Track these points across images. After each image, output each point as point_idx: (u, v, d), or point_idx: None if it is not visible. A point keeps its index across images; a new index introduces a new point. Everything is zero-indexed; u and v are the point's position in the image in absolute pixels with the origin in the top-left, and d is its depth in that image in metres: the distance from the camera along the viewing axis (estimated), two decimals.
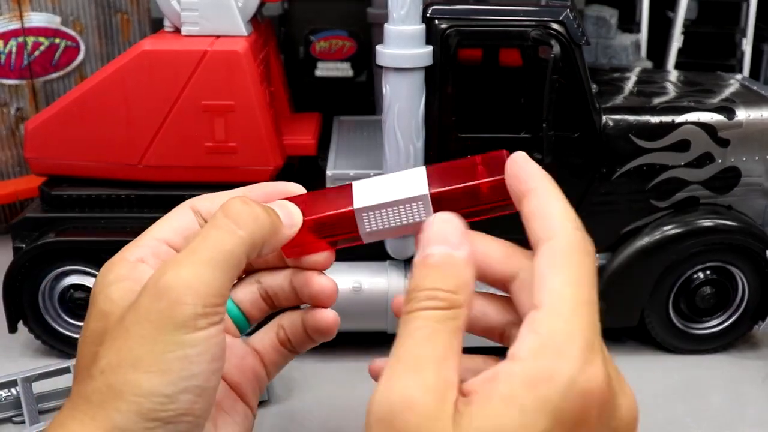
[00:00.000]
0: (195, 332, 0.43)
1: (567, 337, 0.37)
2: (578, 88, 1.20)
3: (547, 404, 0.35)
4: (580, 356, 0.36)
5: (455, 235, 0.43)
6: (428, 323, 0.39)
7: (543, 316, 0.38)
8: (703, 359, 1.33)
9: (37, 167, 1.32)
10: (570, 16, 1.18)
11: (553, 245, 0.42)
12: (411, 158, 1.17)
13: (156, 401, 0.42)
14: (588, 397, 0.36)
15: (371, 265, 1.29)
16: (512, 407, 0.36)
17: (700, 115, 1.26)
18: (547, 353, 0.36)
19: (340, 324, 1.32)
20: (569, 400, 0.35)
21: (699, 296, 1.31)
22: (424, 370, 0.37)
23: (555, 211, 0.43)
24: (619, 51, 1.86)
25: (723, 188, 1.29)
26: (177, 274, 0.45)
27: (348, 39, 1.83)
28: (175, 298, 0.44)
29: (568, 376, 0.35)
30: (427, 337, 0.38)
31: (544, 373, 0.35)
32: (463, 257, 0.42)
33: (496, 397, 0.36)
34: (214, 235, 0.46)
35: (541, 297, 0.40)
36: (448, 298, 0.40)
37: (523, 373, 0.36)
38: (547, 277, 0.40)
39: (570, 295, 0.39)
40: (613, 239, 1.29)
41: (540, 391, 0.36)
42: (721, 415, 1.17)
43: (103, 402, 0.43)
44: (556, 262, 0.41)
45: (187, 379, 0.43)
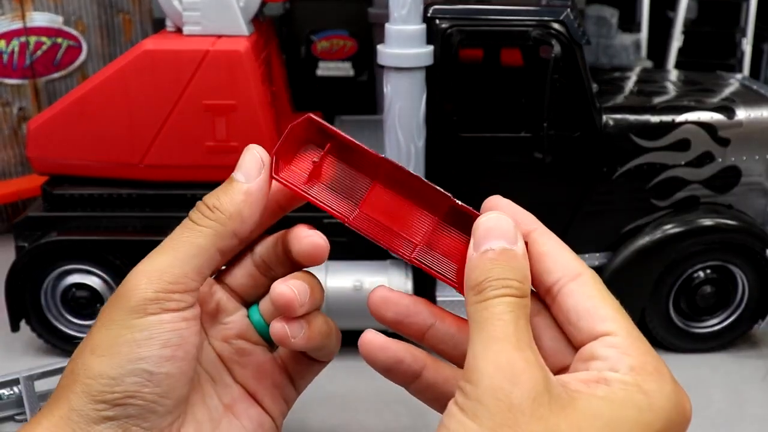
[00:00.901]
0: (145, 317, 0.45)
1: (655, 361, 0.43)
2: (579, 88, 1.20)
3: (662, 412, 0.40)
4: (672, 378, 0.42)
5: (511, 230, 0.46)
6: (511, 308, 0.43)
7: (623, 341, 0.43)
8: (703, 358, 1.33)
9: (39, 166, 1.32)
10: (570, 16, 1.18)
11: (587, 279, 0.47)
12: (412, 158, 1.18)
13: (103, 383, 0.45)
14: (685, 414, 0.42)
15: (372, 264, 1.29)
16: (631, 407, 0.40)
17: (700, 114, 1.26)
18: (648, 370, 0.42)
19: (341, 324, 1.33)
20: (674, 412, 0.41)
21: (699, 295, 1.31)
22: (525, 348, 0.41)
23: (567, 250, 0.47)
24: (620, 50, 1.86)
25: (723, 187, 1.29)
26: (140, 264, 0.48)
27: (349, 39, 1.83)
28: (132, 284, 0.46)
29: (669, 391, 0.41)
30: (515, 321, 0.42)
31: (654, 385, 0.41)
32: (520, 251, 0.46)
33: (615, 393, 0.40)
34: (178, 231, 0.49)
35: (606, 325, 0.45)
36: (520, 288, 0.44)
37: (635, 382, 0.41)
38: (600, 308, 0.45)
39: (628, 323, 0.45)
40: (614, 238, 1.29)
41: (653, 398, 0.41)
42: (721, 413, 1.18)
43: (65, 386, 0.47)
44: (599, 294, 0.46)
45: (133, 362, 0.45)
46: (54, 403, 0.46)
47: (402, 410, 1.19)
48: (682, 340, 1.34)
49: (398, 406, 1.19)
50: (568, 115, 1.20)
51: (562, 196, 1.25)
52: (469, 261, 0.45)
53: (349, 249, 1.31)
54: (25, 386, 1.13)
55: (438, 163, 1.21)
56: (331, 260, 1.31)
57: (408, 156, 1.18)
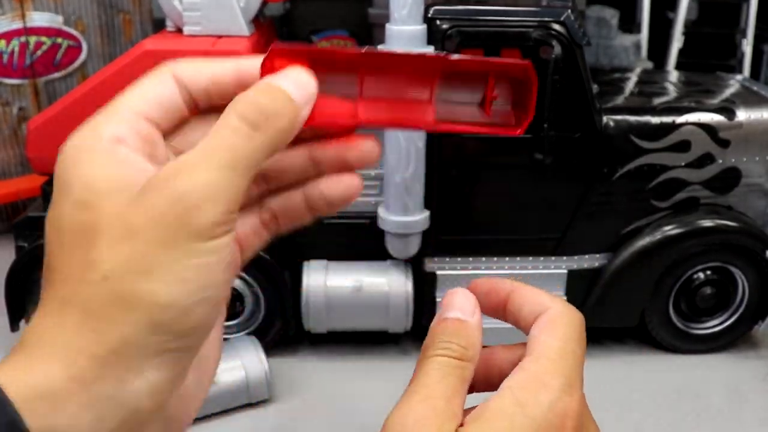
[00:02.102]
0: (214, 240, 0.41)
1: (551, 375, 0.44)
2: (579, 89, 1.20)
3: (533, 422, 0.42)
4: (561, 389, 0.43)
5: (470, 305, 0.49)
6: (442, 366, 0.46)
7: (531, 359, 0.46)
8: (703, 359, 1.33)
9: (39, 166, 1.32)
10: (571, 17, 1.18)
11: (548, 313, 0.48)
12: (412, 158, 1.18)
13: (172, 312, 0.40)
14: (564, 418, 0.43)
15: (372, 264, 1.29)
16: (504, 421, 0.42)
17: (700, 115, 1.26)
18: (533, 383, 0.44)
19: (341, 324, 1.33)
20: (549, 419, 0.42)
21: (699, 296, 1.31)
22: (436, 400, 0.43)
23: (543, 294, 0.49)
24: (620, 51, 1.86)
25: (723, 189, 1.29)
26: (194, 177, 0.42)
27: (349, 39, 1.83)
28: (194, 203, 0.41)
29: (549, 401, 0.41)
30: (440, 378, 0.45)
31: (530, 397, 0.42)
32: (474, 323, 0.48)
33: (488, 414, 0.43)
34: (230, 138, 0.42)
35: (531, 348, 0.46)
36: (460, 351, 0.46)
37: (512, 396, 0.43)
38: (538, 336, 0.47)
39: (557, 347, 0.46)
40: (614, 239, 1.29)
41: (526, 410, 0.42)
42: (721, 414, 1.18)
43: (109, 313, 0.39)
44: (549, 325, 0.48)
45: (205, 289, 0.41)
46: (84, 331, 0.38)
47: None
48: (682, 341, 1.34)
49: None
50: (568, 116, 1.20)
51: (562, 196, 1.25)
52: (431, 328, 0.47)
53: (349, 249, 1.31)
54: None
55: (439, 164, 1.21)
56: (332, 260, 1.31)
57: (408, 156, 1.18)
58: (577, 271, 1.28)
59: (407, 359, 1.31)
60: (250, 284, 1.30)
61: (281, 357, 1.32)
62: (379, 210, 1.25)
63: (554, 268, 1.28)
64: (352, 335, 1.35)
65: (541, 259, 1.28)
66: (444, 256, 1.27)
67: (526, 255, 1.27)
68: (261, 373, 1.19)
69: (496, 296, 0.53)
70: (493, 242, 1.26)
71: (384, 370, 1.29)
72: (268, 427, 1.17)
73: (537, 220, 1.25)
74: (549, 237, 1.27)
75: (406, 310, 1.28)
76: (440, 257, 1.27)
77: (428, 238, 1.25)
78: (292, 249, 1.30)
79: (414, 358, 0.48)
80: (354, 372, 1.31)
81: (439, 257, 1.27)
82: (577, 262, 1.28)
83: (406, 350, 1.36)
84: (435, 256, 1.27)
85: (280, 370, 1.28)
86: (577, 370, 0.45)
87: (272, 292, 1.29)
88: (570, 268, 1.28)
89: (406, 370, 0.49)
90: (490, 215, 1.24)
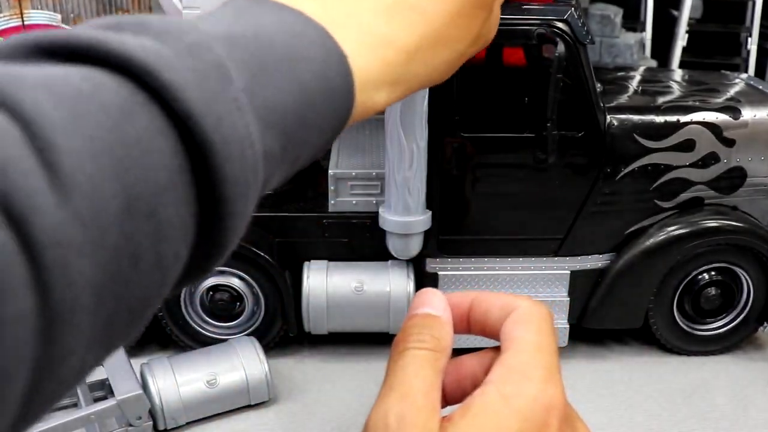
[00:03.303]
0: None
1: (530, 366, 0.44)
2: (582, 88, 1.19)
3: (519, 413, 0.42)
4: (542, 379, 0.44)
5: (439, 302, 0.48)
6: (416, 360, 0.45)
7: (509, 354, 0.45)
8: (707, 361, 1.32)
9: None
10: (574, 15, 1.17)
11: (518, 311, 0.48)
12: (414, 158, 1.17)
13: None
14: (550, 410, 0.43)
15: (373, 265, 1.28)
16: (490, 415, 0.42)
17: (705, 114, 1.25)
18: (514, 376, 0.43)
19: (342, 325, 1.32)
20: (535, 410, 0.42)
21: (704, 297, 1.30)
22: (415, 395, 0.42)
23: (506, 296, 0.49)
24: (624, 50, 1.85)
25: (728, 188, 1.28)
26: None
27: None
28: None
29: (534, 392, 0.42)
30: (416, 372, 0.44)
31: (514, 390, 0.42)
32: (442, 316, 0.48)
33: (474, 409, 0.42)
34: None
35: (507, 345, 0.46)
36: (433, 342, 0.46)
37: (496, 390, 0.43)
38: (511, 333, 0.47)
39: (532, 340, 0.46)
40: (618, 240, 1.28)
41: (511, 402, 0.42)
42: (725, 416, 1.16)
43: None
44: (521, 321, 0.48)
45: None
46: None
47: None
48: (686, 343, 1.33)
49: None
50: (571, 115, 1.19)
51: (565, 196, 1.23)
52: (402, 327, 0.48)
53: (350, 250, 1.30)
54: None
55: (440, 163, 1.20)
56: (332, 261, 1.30)
57: (410, 156, 1.16)
58: (581, 272, 1.27)
59: None
60: (250, 285, 1.29)
61: (281, 358, 1.31)
62: (381, 210, 1.24)
63: (557, 268, 1.27)
64: (352, 336, 1.35)
65: (544, 259, 1.27)
66: (446, 257, 1.26)
67: (529, 255, 1.26)
68: (261, 374, 1.18)
69: (458, 309, 0.53)
70: (496, 242, 1.25)
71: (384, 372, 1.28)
72: (269, 427, 1.16)
73: (540, 220, 1.24)
74: (552, 237, 1.26)
75: (408, 311, 1.27)
76: (442, 257, 1.26)
77: (430, 238, 1.24)
78: (293, 249, 1.29)
79: None
80: (354, 374, 1.30)
81: (441, 257, 1.26)
82: (581, 263, 1.27)
83: None
84: (436, 256, 1.26)
85: (281, 371, 1.27)
86: (555, 362, 0.46)
87: (273, 292, 1.28)
88: (573, 269, 1.27)
89: None
90: (492, 215, 1.23)
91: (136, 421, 1.08)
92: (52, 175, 0.28)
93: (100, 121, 0.31)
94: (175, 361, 1.17)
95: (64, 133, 0.29)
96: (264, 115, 0.40)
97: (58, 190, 0.28)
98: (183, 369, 1.16)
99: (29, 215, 0.27)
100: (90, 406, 1.06)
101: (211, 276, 1.27)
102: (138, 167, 0.32)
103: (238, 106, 0.37)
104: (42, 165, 0.28)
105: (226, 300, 1.28)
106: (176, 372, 1.15)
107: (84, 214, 0.29)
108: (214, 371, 1.16)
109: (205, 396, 1.15)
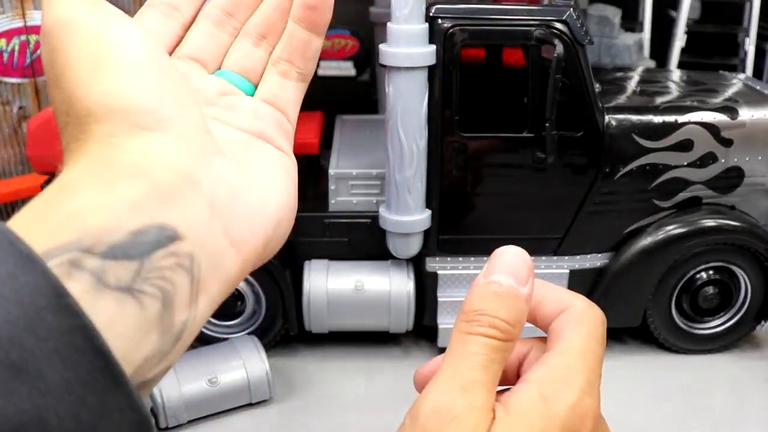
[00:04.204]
0: None
1: (573, 372, 0.44)
2: (581, 88, 1.19)
3: (557, 418, 0.42)
4: (583, 388, 0.43)
5: (524, 272, 0.45)
6: (486, 350, 0.44)
7: (553, 355, 0.45)
8: (705, 359, 1.33)
9: (39, 166, 1.32)
10: (573, 16, 1.17)
11: (572, 310, 0.47)
12: (414, 157, 1.17)
13: None
14: (584, 419, 0.43)
15: (373, 264, 1.29)
16: (533, 416, 0.42)
17: (703, 114, 1.25)
18: (557, 380, 0.43)
19: (342, 324, 1.32)
20: (571, 418, 0.42)
21: (702, 296, 1.31)
22: (476, 392, 0.42)
23: (563, 290, 0.47)
24: (622, 50, 1.85)
25: (726, 188, 1.29)
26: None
27: (350, 38, 1.83)
28: None
29: (572, 400, 0.41)
30: (484, 365, 0.43)
31: (554, 394, 0.42)
32: (526, 294, 0.46)
33: (516, 406, 0.42)
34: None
35: (553, 343, 0.46)
36: (507, 330, 0.44)
37: (537, 391, 0.43)
38: (560, 332, 0.46)
39: (578, 344, 0.45)
40: (616, 239, 1.28)
41: (551, 406, 0.42)
42: (723, 415, 1.17)
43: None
44: (572, 322, 0.47)
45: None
46: None
47: (403, 410, 1.19)
48: (684, 342, 1.33)
49: (399, 406, 1.19)
50: (570, 115, 1.20)
51: (564, 196, 1.24)
52: (474, 285, 0.45)
53: (350, 249, 1.31)
54: None
55: (440, 163, 1.21)
56: (333, 260, 1.31)
57: (410, 156, 1.17)
58: (579, 271, 1.28)
59: (408, 359, 1.30)
60: (251, 283, 1.29)
61: (282, 357, 1.32)
62: (381, 209, 1.25)
63: (556, 267, 1.28)
64: (353, 335, 1.35)
65: (543, 258, 1.27)
66: (445, 256, 1.27)
67: (528, 254, 1.27)
68: (262, 372, 1.19)
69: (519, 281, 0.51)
70: (495, 242, 1.25)
71: (385, 371, 1.29)
72: (269, 426, 1.17)
73: (539, 220, 1.25)
74: (551, 236, 1.26)
75: (408, 310, 1.28)
76: (442, 257, 1.27)
77: (430, 237, 1.25)
78: (294, 248, 1.29)
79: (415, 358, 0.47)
80: (355, 372, 1.30)
81: (441, 257, 1.27)
82: (579, 262, 1.28)
83: (407, 350, 1.35)
84: (436, 255, 1.27)
85: (281, 370, 1.28)
86: (597, 370, 0.45)
87: (273, 291, 1.29)
88: (572, 268, 1.28)
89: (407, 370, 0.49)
90: (491, 215, 1.24)
91: None
92: None
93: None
94: None
95: None
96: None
97: None
98: (184, 367, 1.16)
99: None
100: None
101: None
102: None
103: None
104: None
105: (226, 299, 1.29)
106: (177, 370, 1.15)
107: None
108: (215, 370, 1.17)
109: (207, 394, 1.16)
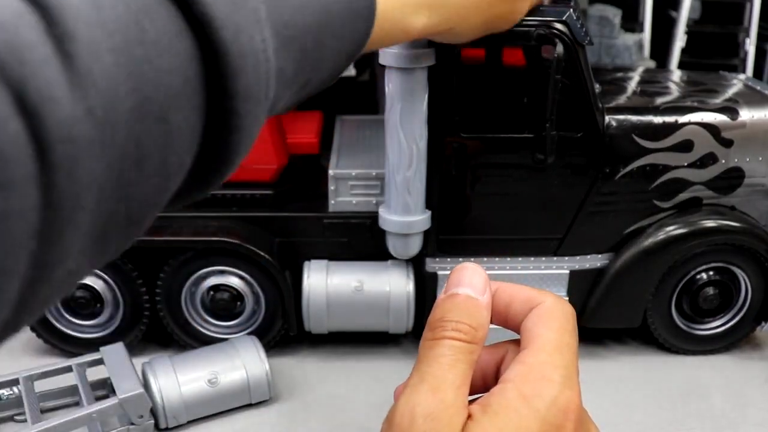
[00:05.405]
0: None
1: (550, 367, 0.45)
2: (581, 88, 1.19)
3: (538, 414, 0.43)
4: (562, 382, 0.44)
5: (480, 283, 0.47)
6: (452, 352, 0.45)
7: (529, 352, 0.46)
8: (705, 360, 1.33)
9: None
10: (573, 16, 1.17)
11: (542, 306, 0.48)
12: (414, 158, 1.17)
13: None
14: (567, 413, 0.44)
15: (372, 264, 1.29)
16: (511, 414, 0.43)
17: (703, 115, 1.25)
18: (534, 376, 0.44)
19: (342, 324, 1.32)
20: (553, 412, 0.43)
21: (702, 297, 1.31)
22: (446, 391, 0.43)
23: (530, 289, 0.49)
24: (622, 51, 1.85)
25: (726, 189, 1.29)
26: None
27: None
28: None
29: (553, 394, 0.43)
30: (451, 365, 0.45)
31: (533, 390, 0.43)
32: (485, 302, 0.47)
33: (495, 407, 0.43)
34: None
35: (527, 341, 0.47)
36: (470, 333, 0.46)
37: (516, 389, 0.44)
38: (533, 329, 0.48)
39: (553, 339, 0.47)
40: (616, 240, 1.28)
41: (531, 403, 0.43)
42: (723, 416, 1.17)
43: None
44: (543, 318, 0.48)
45: None
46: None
47: None
48: (684, 342, 1.33)
49: None
50: (570, 115, 1.20)
51: (564, 197, 1.24)
52: (436, 302, 0.47)
53: (350, 249, 1.31)
54: (25, 386, 1.12)
55: (440, 163, 1.21)
56: (332, 260, 1.30)
57: (410, 156, 1.17)
58: (579, 272, 1.28)
59: (408, 360, 1.30)
60: (250, 284, 1.29)
61: (282, 357, 1.32)
62: (380, 210, 1.25)
63: (556, 268, 1.28)
64: (352, 336, 1.35)
65: (543, 259, 1.27)
66: (445, 256, 1.27)
67: (528, 255, 1.27)
68: (262, 373, 1.19)
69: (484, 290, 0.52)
70: (495, 242, 1.26)
71: (385, 371, 1.29)
72: (269, 427, 1.17)
73: (539, 221, 1.25)
74: (551, 237, 1.26)
75: (407, 311, 1.28)
76: (441, 257, 1.27)
77: (429, 238, 1.25)
78: (293, 249, 1.29)
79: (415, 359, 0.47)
80: (355, 372, 1.30)
81: (441, 257, 1.27)
82: (579, 263, 1.28)
83: (407, 351, 1.35)
84: (436, 256, 1.27)
85: (281, 370, 1.28)
86: (574, 363, 0.46)
87: (273, 292, 1.29)
88: (572, 269, 1.28)
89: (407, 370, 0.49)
90: (491, 215, 1.24)
91: (138, 420, 1.09)
92: (68, 66, 0.25)
93: (120, 15, 0.27)
94: (176, 360, 1.17)
95: (84, 22, 0.26)
96: (282, 32, 0.36)
97: (74, 83, 0.25)
98: (184, 368, 1.16)
99: (44, 108, 0.23)
100: (92, 405, 1.06)
101: (212, 276, 1.28)
102: (154, 68, 0.28)
103: (257, 19, 0.33)
104: (59, 54, 0.25)
105: (226, 299, 1.29)
106: (177, 371, 1.15)
107: (97, 111, 0.25)
108: (215, 370, 1.17)
109: (207, 395, 1.16)
